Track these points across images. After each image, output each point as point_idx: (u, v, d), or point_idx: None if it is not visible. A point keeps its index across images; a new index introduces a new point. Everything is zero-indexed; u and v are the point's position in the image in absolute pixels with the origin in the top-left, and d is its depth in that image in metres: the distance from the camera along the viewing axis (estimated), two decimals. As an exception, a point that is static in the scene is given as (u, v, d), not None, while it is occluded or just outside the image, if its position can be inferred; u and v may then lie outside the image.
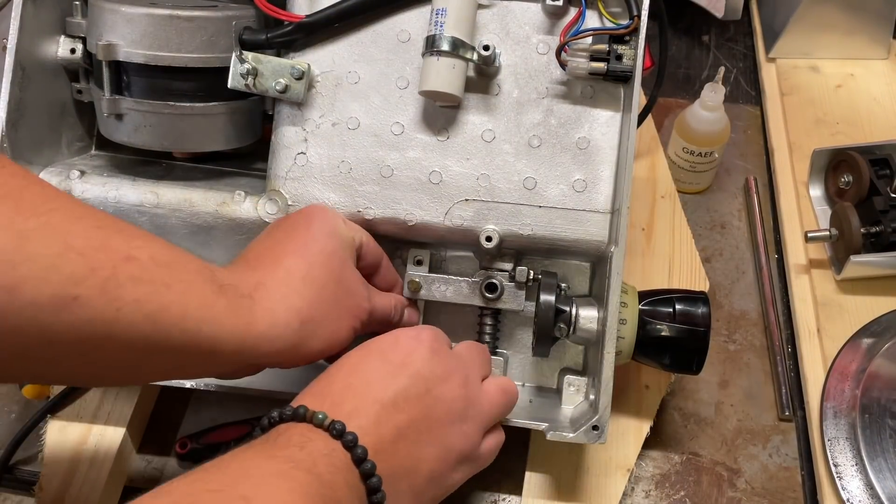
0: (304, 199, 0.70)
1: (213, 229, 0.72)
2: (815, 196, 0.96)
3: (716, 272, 0.93)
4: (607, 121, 0.69)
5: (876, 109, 1.05)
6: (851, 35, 1.09)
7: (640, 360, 0.71)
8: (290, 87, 0.69)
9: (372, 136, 0.70)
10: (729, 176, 1.03)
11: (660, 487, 0.78)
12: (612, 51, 0.66)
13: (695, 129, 0.94)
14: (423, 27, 0.68)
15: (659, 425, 0.80)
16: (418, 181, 0.70)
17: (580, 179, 0.69)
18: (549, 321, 0.67)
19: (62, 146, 0.77)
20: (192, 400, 0.83)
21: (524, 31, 0.70)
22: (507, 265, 0.71)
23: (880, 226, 0.84)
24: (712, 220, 0.99)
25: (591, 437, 0.64)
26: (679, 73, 1.16)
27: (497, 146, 0.70)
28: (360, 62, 0.71)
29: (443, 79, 0.66)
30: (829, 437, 0.77)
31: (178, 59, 0.68)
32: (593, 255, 0.71)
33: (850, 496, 0.73)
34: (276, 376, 0.70)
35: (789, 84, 1.09)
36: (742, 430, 0.81)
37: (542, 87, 0.70)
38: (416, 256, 0.73)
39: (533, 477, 0.75)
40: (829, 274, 0.89)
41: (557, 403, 0.71)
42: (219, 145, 0.73)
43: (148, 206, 0.71)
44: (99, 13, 0.69)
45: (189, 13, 0.68)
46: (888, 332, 0.83)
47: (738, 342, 0.88)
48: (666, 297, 0.71)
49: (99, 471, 0.76)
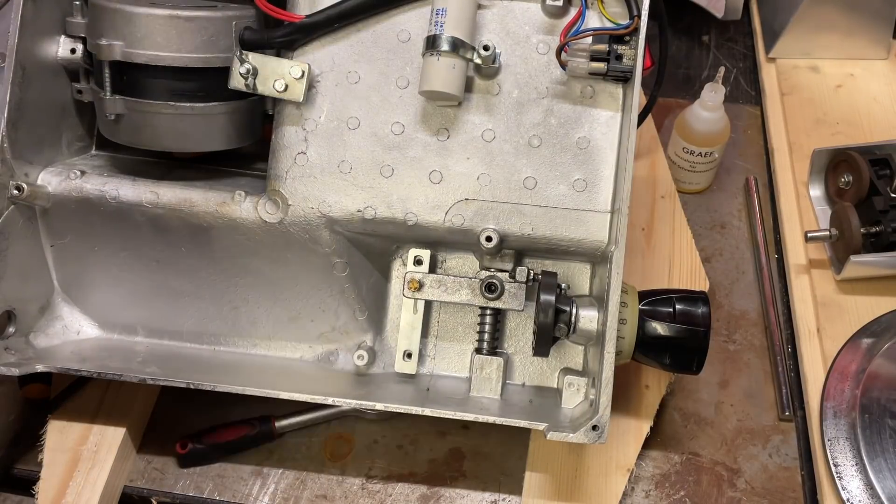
0: (304, 198, 0.70)
1: (213, 229, 0.72)
2: (815, 196, 0.96)
3: (716, 272, 0.93)
4: (607, 121, 0.69)
5: (876, 109, 1.05)
6: (851, 35, 1.09)
7: (640, 360, 0.71)
8: (290, 87, 0.69)
9: (372, 136, 0.70)
10: (729, 176, 1.03)
11: (660, 487, 0.78)
12: (612, 51, 0.66)
13: (695, 129, 0.94)
14: (423, 27, 0.68)
15: (659, 425, 0.80)
16: (418, 181, 0.70)
17: (580, 179, 0.69)
18: (549, 321, 0.67)
19: (62, 146, 0.77)
20: (192, 400, 0.83)
21: (524, 31, 0.70)
22: (507, 265, 0.72)
23: (880, 226, 0.84)
24: (712, 220, 0.99)
25: (591, 437, 0.64)
26: (679, 73, 1.16)
27: (497, 146, 0.70)
28: (360, 62, 0.71)
29: (443, 79, 0.66)
30: (829, 437, 0.77)
31: (178, 59, 0.68)
32: (593, 255, 0.71)
33: (850, 496, 0.73)
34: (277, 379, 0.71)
35: (789, 84, 1.09)
36: (742, 430, 0.81)
37: (542, 87, 0.70)
38: (416, 256, 0.73)
39: (533, 477, 0.75)
40: (829, 274, 0.89)
41: (557, 403, 0.70)
42: (219, 145, 0.73)
43: (148, 206, 0.71)
44: (99, 13, 0.69)
45: (189, 13, 0.68)
46: (888, 332, 0.83)
47: (738, 342, 0.88)
48: (666, 297, 0.71)
49: (99, 471, 0.76)
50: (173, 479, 0.79)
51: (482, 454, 0.80)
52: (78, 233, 0.74)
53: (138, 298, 0.77)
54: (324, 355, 0.77)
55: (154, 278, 0.76)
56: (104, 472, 0.75)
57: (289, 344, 0.78)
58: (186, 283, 0.76)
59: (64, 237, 0.75)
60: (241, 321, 0.77)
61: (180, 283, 0.76)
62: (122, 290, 0.77)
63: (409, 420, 0.81)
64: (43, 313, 0.77)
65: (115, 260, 0.75)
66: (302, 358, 0.78)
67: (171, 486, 0.79)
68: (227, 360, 0.77)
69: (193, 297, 0.76)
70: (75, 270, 0.77)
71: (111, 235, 0.74)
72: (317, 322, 0.76)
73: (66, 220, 0.73)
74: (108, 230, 0.73)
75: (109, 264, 0.75)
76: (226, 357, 0.77)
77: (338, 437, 0.81)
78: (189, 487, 0.79)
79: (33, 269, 0.75)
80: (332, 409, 0.81)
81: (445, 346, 0.76)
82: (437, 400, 0.71)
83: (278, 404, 0.76)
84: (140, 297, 0.77)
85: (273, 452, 0.80)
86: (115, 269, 0.76)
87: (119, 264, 0.75)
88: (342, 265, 0.73)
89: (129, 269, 0.76)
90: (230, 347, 0.78)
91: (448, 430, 0.81)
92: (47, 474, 0.76)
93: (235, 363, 0.76)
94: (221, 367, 0.76)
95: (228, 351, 0.78)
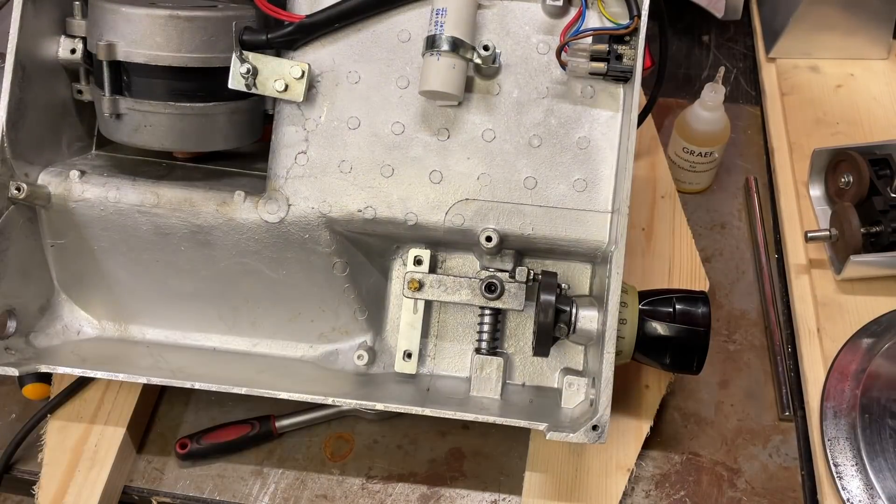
0: (304, 198, 0.70)
1: (213, 229, 0.72)
2: (815, 196, 0.96)
3: (716, 272, 0.93)
4: (607, 121, 0.69)
5: (876, 109, 1.05)
6: (851, 35, 1.09)
7: (641, 360, 0.71)
8: (290, 87, 0.69)
9: (372, 136, 0.70)
10: (729, 176, 1.03)
11: (660, 487, 0.78)
12: (612, 51, 0.66)
13: (695, 129, 0.94)
14: (423, 27, 0.68)
15: (659, 425, 0.80)
16: (419, 181, 0.70)
17: (580, 179, 0.69)
18: (549, 321, 0.67)
19: (62, 146, 0.77)
20: (192, 400, 0.84)
21: (524, 31, 0.70)
22: (507, 265, 0.72)
23: (880, 226, 0.84)
24: (712, 220, 0.99)
25: (591, 437, 0.64)
26: (679, 73, 1.16)
27: (497, 146, 0.70)
28: (360, 62, 0.71)
29: (443, 79, 0.66)
30: (829, 436, 0.77)
31: (178, 59, 0.68)
32: (593, 255, 0.71)
33: (850, 496, 0.73)
34: (277, 379, 0.70)
35: (789, 84, 1.09)
36: (742, 429, 0.81)
37: (542, 87, 0.70)
38: (416, 256, 0.73)
39: (533, 477, 0.75)
40: (829, 274, 0.89)
41: (557, 403, 0.70)
42: (219, 145, 0.73)
43: (148, 206, 0.71)
44: (99, 13, 0.69)
45: (189, 13, 0.68)
46: (888, 332, 0.83)
47: (738, 342, 0.88)
48: (666, 296, 0.71)
49: (99, 471, 0.76)
50: (173, 479, 0.79)
51: (482, 454, 0.80)
52: (78, 233, 0.74)
53: (138, 298, 0.77)
54: (324, 355, 0.77)
55: (154, 278, 0.76)
56: (104, 472, 0.75)
57: (289, 344, 0.78)
58: (186, 283, 0.76)
59: (64, 237, 0.75)
60: (241, 321, 0.77)
61: (180, 283, 0.76)
62: (123, 290, 0.77)
63: (409, 420, 0.81)
64: (43, 313, 0.77)
65: (115, 260, 0.75)
66: (302, 358, 0.78)
67: (171, 486, 0.79)
68: (228, 360, 0.77)
69: (193, 297, 0.76)
70: (75, 270, 0.77)
71: (111, 235, 0.74)
72: (317, 322, 0.76)
73: (66, 220, 0.73)
74: (108, 230, 0.73)
75: (109, 264, 0.75)
76: (226, 357, 0.77)
77: (338, 437, 0.81)
78: (189, 487, 0.79)
79: (33, 268, 0.75)
80: (332, 409, 0.81)
81: (445, 346, 0.76)
82: (437, 400, 0.71)
83: (278, 404, 0.76)
84: (140, 297, 0.77)
85: (273, 452, 0.80)
86: (115, 269, 0.76)
87: (119, 264, 0.75)
88: (342, 265, 0.73)
89: (129, 269, 0.76)
90: (230, 347, 0.78)
91: (448, 430, 0.81)
92: (47, 474, 0.76)
93: (235, 363, 0.77)
94: (221, 366, 0.76)
95: (229, 351, 0.78)
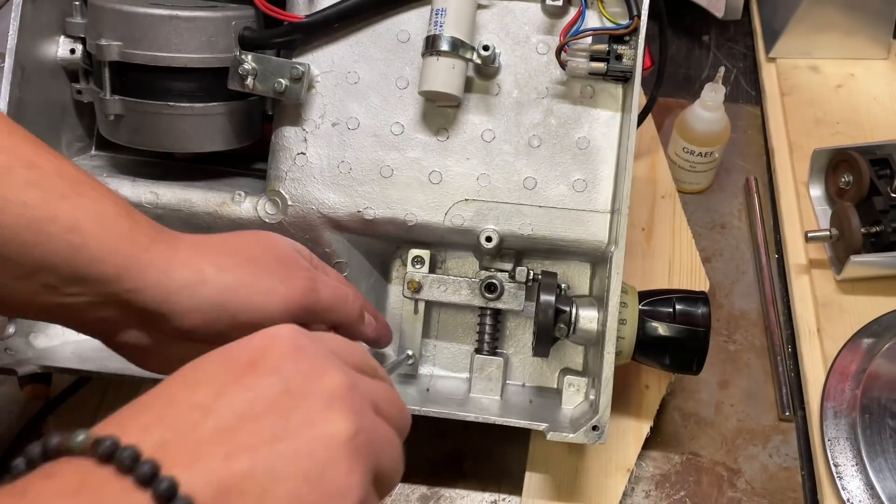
0: (304, 199, 0.70)
1: (212, 229, 0.72)
2: (816, 196, 0.96)
3: (716, 272, 0.93)
4: (607, 121, 0.69)
5: (876, 109, 1.05)
6: (851, 35, 1.09)
7: (640, 360, 0.71)
8: (289, 87, 0.69)
9: (372, 136, 0.70)
10: (729, 176, 1.03)
11: (660, 487, 0.78)
12: (612, 51, 0.66)
13: (695, 129, 0.94)
14: (423, 27, 0.68)
15: (659, 425, 0.80)
16: (418, 181, 0.70)
17: (580, 179, 0.69)
18: (549, 321, 0.67)
19: (62, 146, 0.77)
20: (192, 400, 0.83)
21: (524, 31, 0.70)
22: (507, 265, 0.71)
23: (880, 226, 0.84)
24: (712, 220, 0.99)
25: (591, 437, 0.64)
26: (679, 73, 1.16)
27: (497, 146, 0.70)
28: (359, 62, 0.71)
29: (442, 79, 0.66)
30: (830, 437, 0.77)
31: (177, 59, 0.68)
32: (593, 256, 0.71)
33: (850, 496, 0.73)
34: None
35: (789, 84, 1.09)
36: (742, 430, 0.81)
37: (541, 87, 0.70)
38: (416, 256, 0.72)
39: (533, 477, 0.75)
40: (829, 274, 0.89)
41: (557, 403, 0.70)
42: (219, 145, 0.73)
43: (148, 206, 0.71)
44: (99, 13, 0.69)
45: (189, 13, 0.68)
46: (888, 332, 0.83)
47: (738, 342, 0.88)
48: (666, 297, 0.71)
49: (99, 471, 0.75)
50: (173, 479, 0.79)
51: (482, 454, 0.79)
52: (78, 233, 0.74)
53: (138, 298, 0.77)
54: (324, 355, 0.77)
55: (154, 278, 0.76)
56: (104, 472, 0.75)
57: (289, 344, 0.78)
58: (186, 284, 0.75)
59: (64, 237, 0.75)
60: (240, 321, 0.77)
61: (180, 284, 0.76)
62: (122, 291, 0.77)
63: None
64: (43, 313, 0.77)
65: (115, 260, 0.75)
66: (302, 358, 0.77)
67: (170, 487, 0.79)
68: (227, 360, 0.77)
69: (193, 297, 0.76)
70: (75, 271, 0.77)
71: (111, 235, 0.74)
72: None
73: (66, 220, 0.73)
74: (107, 230, 0.73)
75: (109, 264, 0.75)
76: (226, 357, 0.77)
77: (338, 437, 0.81)
78: (189, 488, 0.78)
79: (33, 269, 0.75)
80: (332, 410, 0.80)
81: (445, 346, 0.76)
82: (437, 400, 0.71)
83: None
84: (140, 297, 0.77)
85: (273, 452, 0.80)
86: (115, 270, 0.76)
87: (119, 264, 0.75)
88: (342, 265, 0.73)
89: (129, 270, 0.75)
90: (230, 347, 0.78)
91: (448, 430, 0.81)
92: (47, 474, 0.76)
93: (235, 363, 0.76)
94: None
95: (228, 351, 0.78)
